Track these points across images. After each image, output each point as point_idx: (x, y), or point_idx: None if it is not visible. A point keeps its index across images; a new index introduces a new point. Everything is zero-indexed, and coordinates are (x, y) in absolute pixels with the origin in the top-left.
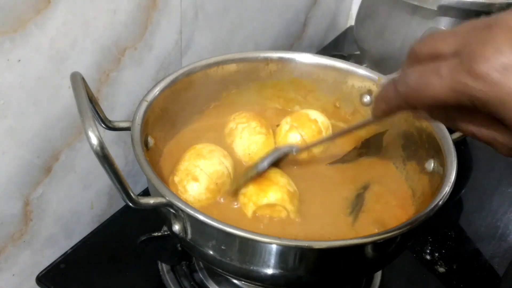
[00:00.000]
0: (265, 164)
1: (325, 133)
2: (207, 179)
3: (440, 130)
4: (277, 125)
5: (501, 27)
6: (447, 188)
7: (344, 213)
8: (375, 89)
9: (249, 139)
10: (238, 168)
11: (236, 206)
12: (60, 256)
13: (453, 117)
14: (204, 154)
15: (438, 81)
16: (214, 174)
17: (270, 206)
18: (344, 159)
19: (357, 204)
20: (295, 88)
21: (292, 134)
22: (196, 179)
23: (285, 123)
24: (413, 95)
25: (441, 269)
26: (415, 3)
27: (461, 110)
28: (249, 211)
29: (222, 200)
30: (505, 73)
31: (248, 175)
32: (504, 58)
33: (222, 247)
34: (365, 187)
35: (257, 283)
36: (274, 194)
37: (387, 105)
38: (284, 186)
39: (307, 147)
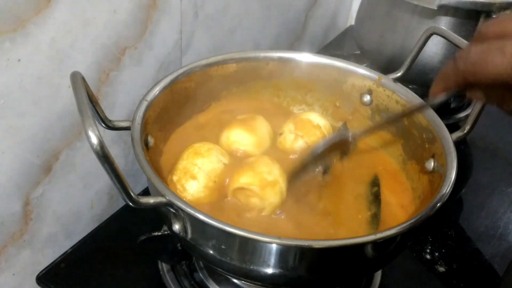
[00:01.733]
0: (320, 146)
1: (328, 137)
2: (205, 177)
3: (440, 130)
4: (280, 134)
5: None
6: (447, 188)
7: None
8: (375, 88)
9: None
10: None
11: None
12: (60, 256)
13: (508, 99)
14: (202, 152)
15: (499, 58)
16: (212, 172)
17: (243, 190)
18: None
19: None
20: (295, 87)
21: (298, 144)
22: (194, 177)
23: (289, 132)
24: (473, 71)
25: (441, 269)
26: (415, 2)
27: None
28: (228, 192)
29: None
30: None
31: (304, 160)
32: None
33: (222, 246)
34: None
35: (257, 282)
36: (246, 178)
37: (446, 82)
38: (260, 173)
39: (359, 135)
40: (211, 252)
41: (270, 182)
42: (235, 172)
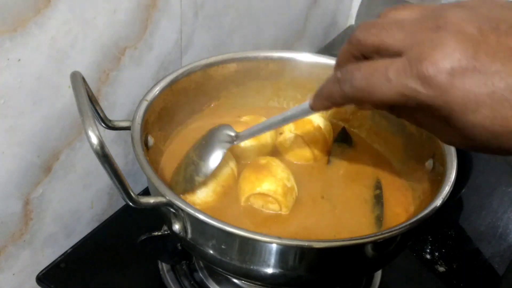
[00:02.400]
0: (213, 167)
1: (328, 138)
2: (214, 181)
3: None
4: (280, 133)
5: (449, 30)
6: (447, 188)
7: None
8: None
9: None
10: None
11: (242, 205)
12: (60, 256)
13: (397, 109)
14: None
15: (386, 85)
16: (220, 177)
17: (263, 196)
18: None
19: (377, 203)
20: (295, 87)
21: (297, 144)
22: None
23: (289, 132)
24: (360, 96)
25: (441, 269)
26: (415, 2)
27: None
28: (242, 197)
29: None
30: (453, 79)
31: (196, 179)
32: (452, 63)
33: (222, 246)
34: (376, 187)
35: (257, 282)
36: (268, 184)
37: (331, 102)
38: (281, 179)
39: (245, 137)
40: (211, 252)
41: (289, 188)
42: (252, 176)
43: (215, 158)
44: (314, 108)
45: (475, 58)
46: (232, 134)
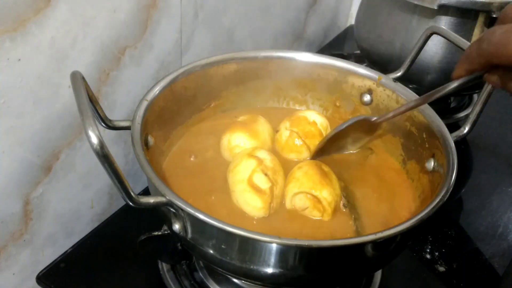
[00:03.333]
0: (343, 126)
1: (324, 134)
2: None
3: (441, 129)
4: (277, 131)
5: None
6: (447, 188)
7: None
8: (375, 88)
9: None
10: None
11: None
12: (60, 255)
13: None
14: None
15: None
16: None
17: (316, 199)
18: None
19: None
20: (295, 87)
21: (293, 141)
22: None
23: (285, 129)
24: (497, 52)
25: (441, 268)
26: (415, 2)
27: None
28: (294, 189)
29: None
30: None
31: (327, 136)
32: None
33: (222, 246)
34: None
35: (257, 282)
36: (327, 193)
37: (469, 64)
38: (338, 195)
39: (386, 118)
40: (211, 251)
41: (339, 203)
42: (315, 177)
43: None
44: (455, 74)
45: None
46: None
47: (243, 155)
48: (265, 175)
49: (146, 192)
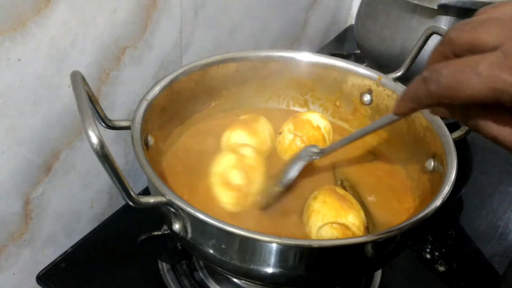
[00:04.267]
0: (291, 177)
1: (328, 139)
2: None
3: (441, 129)
4: (280, 133)
5: None
6: (447, 187)
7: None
8: (375, 88)
9: None
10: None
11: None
12: (60, 255)
13: (475, 115)
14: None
15: (476, 79)
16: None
17: (344, 227)
18: None
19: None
20: (295, 87)
21: (296, 144)
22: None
23: (288, 132)
24: (447, 95)
25: (441, 268)
26: (415, 2)
27: (487, 108)
28: (317, 222)
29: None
30: None
31: (274, 189)
32: None
33: (222, 246)
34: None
35: (257, 282)
36: (353, 217)
37: (416, 104)
38: (362, 217)
39: (329, 151)
40: (211, 251)
41: (363, 222)
42: (335, 203)
43: (295, 169)
44: (398, 113)
45: None
46: (316, 150)
47: (227, 150)
48: (242, 171)
49: (146, 192)
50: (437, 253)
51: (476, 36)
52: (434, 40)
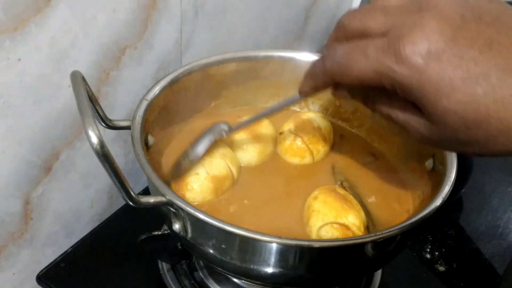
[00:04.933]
0: (199, 153)
1: (328, 139)
2: (206, 175)
3: None
4: (280, 133)
5: (432, 12)
6: (447, 187)
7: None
8: None
9: None
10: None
11: None
12: (61, 255)
13: (371, 97)
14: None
15: (363, 61)
16: (214, 173)
17: (344, 227)
18: None
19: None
20: (295, 87)
21: (297, 145)
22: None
23: (289, 132)
24: (339, 72)
25: (441, 268)
26: None
27: (381, 91)
28: (318, 222)
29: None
30: (429, 60)
31: (182, 164)
32: (430, 44)
33: (223, 246)
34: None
35: (257, 281)
36: (353, 218)
37: (314, 81)
38: (362, 217)
39: (237, 128)
40: (211, 251)
41: (363, 221)
42: (335, 203)
43: (203, 145)
44: (301, 90)
45: (454, 41)
46: (226, 128)
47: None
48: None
49: (146, 191)
50: (437, 253)
51: (365, 23)
52: None
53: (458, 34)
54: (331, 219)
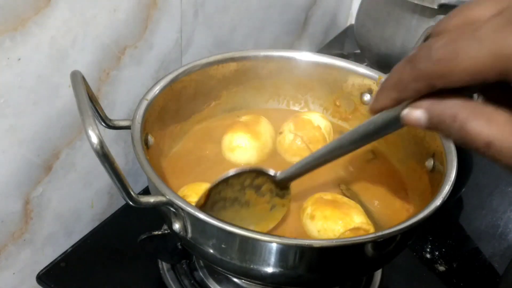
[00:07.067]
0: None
1: (328, 139)
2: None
3: None
4: (280, 133)
5: None
6: (447, 187)
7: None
8: (375, 87)
9: None
10: None
11: None
12: (61, 255)
13: (461, 117)
14: None
15: (475, 46)
16: None
17: (355, 230)
18: None
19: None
20: (295, 87)
21: (297, 144)
22: None
23: (289, 132)
24: (441, 71)
25: (441, 268)
26: (416, 1)
27: (497, 95)
28: (333, 238)
29: None
30: None
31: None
32: None
33: (223, 245)
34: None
35: (257, 281)
36: (357, 216)
37: (399, 92)
38: (360, 209)
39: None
40: (211, 251)
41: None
42: (336, 213)
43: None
44: (376, 106)
45: None
46: (271, 174)
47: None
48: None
49: (146, 191)
50: (437, 253)
51: (466, 14)
52: None
53: None
54: (341, 229)
